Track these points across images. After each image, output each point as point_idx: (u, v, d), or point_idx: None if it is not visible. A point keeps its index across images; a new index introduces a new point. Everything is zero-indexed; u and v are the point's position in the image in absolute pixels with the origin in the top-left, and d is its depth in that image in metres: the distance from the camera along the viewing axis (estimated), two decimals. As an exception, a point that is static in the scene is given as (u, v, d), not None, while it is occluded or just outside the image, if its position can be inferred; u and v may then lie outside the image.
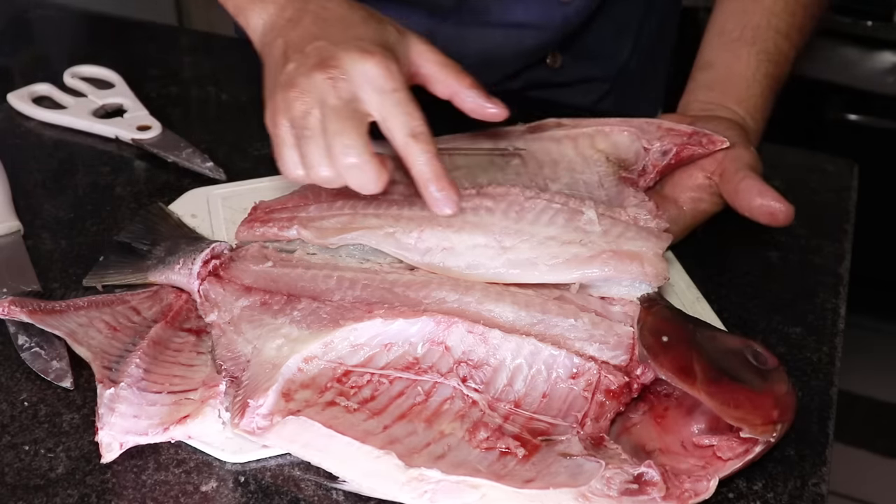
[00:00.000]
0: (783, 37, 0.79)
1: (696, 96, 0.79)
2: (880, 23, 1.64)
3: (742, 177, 0.69)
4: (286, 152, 0.64)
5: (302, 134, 0.62)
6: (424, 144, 0.62)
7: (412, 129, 0.62)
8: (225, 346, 0.62)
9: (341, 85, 0.62)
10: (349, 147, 0.61)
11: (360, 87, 0.62)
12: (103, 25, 1.10)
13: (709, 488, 0.52)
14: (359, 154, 0.61)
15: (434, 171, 0.62)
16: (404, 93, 0.62)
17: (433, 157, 0.62)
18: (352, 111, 0.62)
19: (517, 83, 0.98)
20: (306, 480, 0.56)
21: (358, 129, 0.61)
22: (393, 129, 0.62)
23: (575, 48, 0.98)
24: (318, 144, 0.62)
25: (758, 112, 0.77)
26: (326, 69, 0.62)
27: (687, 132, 0.72)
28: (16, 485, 0.55)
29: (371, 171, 0.61)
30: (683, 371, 0.55)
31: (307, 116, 0.62)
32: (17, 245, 0.73)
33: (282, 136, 0.64)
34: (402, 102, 0.62)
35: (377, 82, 0.62)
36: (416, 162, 0.62)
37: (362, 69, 0.61)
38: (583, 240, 0.63)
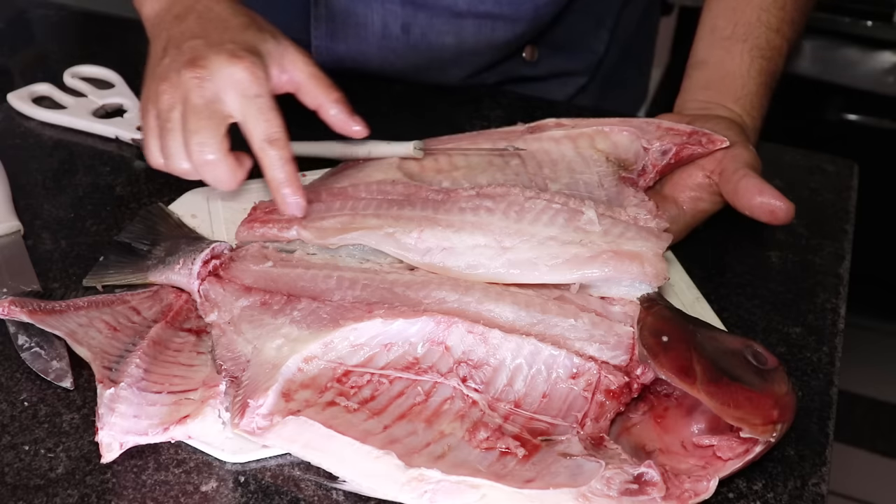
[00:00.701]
0: (774, 31, 0.79)
1: (693, 95, 0.79)
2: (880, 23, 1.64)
3: (742, 175, 0.69)
4: (150, 141, 0.70)
5: (164, 126, 0.68)
6: (279, 150, 0.66)
7: (269, 134, 0.66)
8: (225, 346, 0.62)
9: (206, 85, 0.66)
10: (204, 145, 0.66)
11: (225, 89, 0.66)
12: (103, 25, 1.10)
13: (709, 488, 0.52)
14: (213, 152, 0.66)
15: (286, 175, 0.67)
16: (266, 99, 0.67)
17: (287, 162, 0.67)
18: (212, 111, 0.66)
19: (493, 76, 0.98)
20: (306, 480, 0.56)
21: (215, 129, 0.66)
22: (251, 133, 0.67)
23: (551, 41, 0.98)
24: (176, 139, 0.67)
25: (755, 109, 0.77)
26: (195, 68, 0.66)
27: (686, 131, 0.72)
28: (16, 485, 0.55)
29: (224, 168, 0.67)
30: (683, 371, 0.55)
31: (171, 110, 0.67)
32: (17, 245, 0.73)
33: (149, 124, 0.69)
34: (264, 109, 0.66)
35: (241, 86, 0.66)
36: (271, 166, 0.67)
37: (229, 72, 0.66)
38: (583, 240, 0.63)
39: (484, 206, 0.66)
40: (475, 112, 0.93)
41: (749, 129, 0.75)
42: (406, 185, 0.70)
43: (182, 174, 0.69)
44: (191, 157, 0.67)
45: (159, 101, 0.68)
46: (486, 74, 0.98)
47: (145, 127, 0.70)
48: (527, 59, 0.98)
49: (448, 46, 0.93)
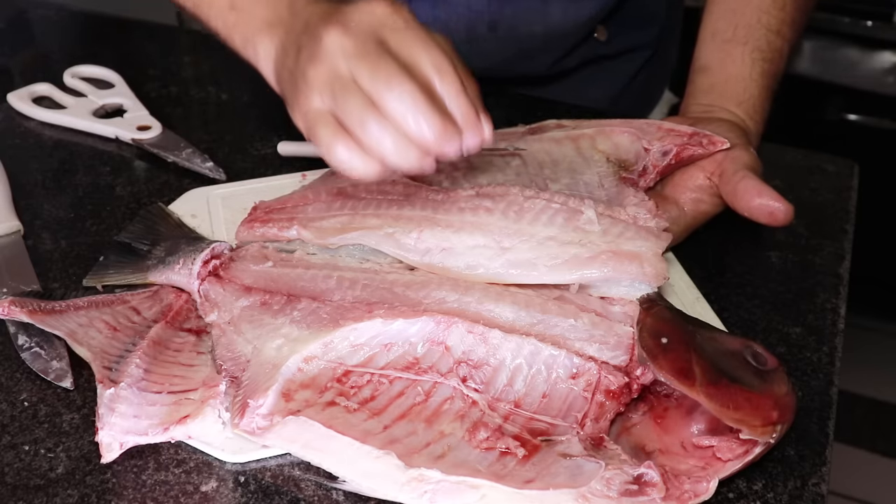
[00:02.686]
0: (775, 33, 0.79)
1: (696, 99, 0.79)
2: (880, 23, 1.64)
3: (741, 177, 0.69)
4: (320, 130, 0.57)
5: (334, 95, 0.56)
6: (448, 76, 0.56)
7: (435, 64, 0.56)
8: (225, 346, 0.62)
9: (353, 30, 0.56)
10: (402, 93, 0.54)
11: (374, 31, 0.57)
12: (103, 25, 1.10)
13: (708, 489, 0.52)
14: (403, 83, 0.54)
15: (464, 107, 0.56)
16: (417, 29, 0.57)
17: (459, 92, 0.56)
18: (377, 48, 0.56)
19: (573, 61, 0.99)
20: (306, 480, 0.56)
21: (392, 61, 0.55)
22: (415, 65, 0.56)
23: (618, 18, 0.99)
24: (354, 96, 0.55)
25: (757, 113, 0.77)
26: (334, 24, 0.57)
27: (687, 133, 0.72)
28: (16, 485, 0.55)
29: (423, 103, 0.54)
30: (682, 373, 0.55)
31: (333, 77, 0.56)
32: (17, 245, 0.73)
33: (313, 117, 0.57)
34: (418, 36, 0.57)
35: (386, 21, 0.57)
36: (444, 101, 0.56)
37: (369, 11, 0.57)
38: (582, 240, 0.63)
39: (483, 206, 0.66)
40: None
41: (751, 132, 0.76)
42: (406, 184, 0.70)
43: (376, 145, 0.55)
44: (385, 105, 0.54)
45: (314, 83, 0.56)
46: (567, 60, 0.99)
47: (313, 123, 0.57)
48: (599, 40, 0.99)
49: (536, 35, 0.94)
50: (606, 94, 1.03)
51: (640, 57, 1.04)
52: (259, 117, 0.92)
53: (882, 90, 1.67)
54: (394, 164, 0.56)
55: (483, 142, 0.58)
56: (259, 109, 0.94)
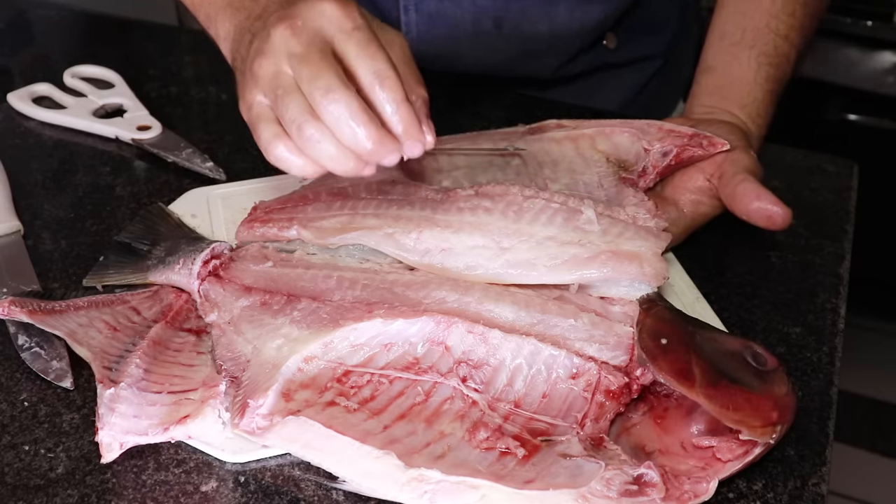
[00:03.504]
0: (782, 38, 0.79)
1: (700, 100, 0.79)
2: (880, 23, 1.64)
3: (740, 180, 0.69)
4: (262, 127, 0.58)
5: (275, 95, 0.57)
6: (390, 82, 0.56)
7: (376, 70, 0.56)
8: (225, 346, 0.62)
9: (301, 31, 0.57)
10: (329, 89, 0.55)
11: (320, 29, 0.57)
12: (103, 25, 1.10)
13: (708, 490, 0.52)
14: (341, 92, 0.54)
15: (403, 115, 0.57)
16: (366, 32, 0.57)
17: (401, 102, 0.57)
18: (321, 52, 0.56)
19: (579, 66, 0.99)
20: (306, 480, 0.56)
21: (334, 69, 0.55)
22: (356, 73, 0.57)
23: (629, 26, 0.99)
24: (295, 100, 0.56)
25: (760, 117, 0.77)
26: (283, 22, 0.57)
27: (687, 134, 0.72)
28: (16, 485, 0.55)
29: (360, 113, 0.55)
30: (682, 374, 0.55)
31: (276, 77, 0.57)
32: (17, 245, 0.73)
33: (256, 112, 0.58)
34: (364, 43, 0.57)
35: (334, 22, 0.57)
36: (383, 108, 0.56)
37: (319, 10, 0.57)
38: (581, 240, 0.63)
39: (483, 205, 0.66)
40: (475, 113, 0.93)
41: (753, 135, 0.76)
42: (406, 184, 0.70)
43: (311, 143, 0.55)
44: (323, 113, 0.55)
45: (259, 77, 0.57)
46: (573, 65, 0.98)
47: (253, 119, 0.58)
48: (608, 47, 0.99)
49: (541, 35, 0.94)
50: (614, 103, 1.03)
51: (651, 67, 1.04)
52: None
53: (882, 90, 1.67)
54: (331, 169, 0.57)
55: (424, 150, 0.58)
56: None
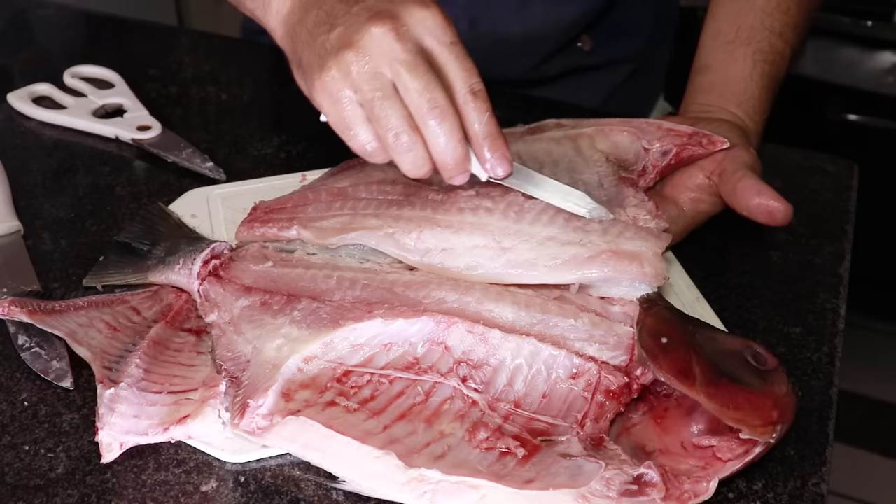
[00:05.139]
0: (777, 36, 0.79)
1: (696, 99, 0.79)
2: (880, 23, 1.64)
3: (740, 176, 0.69)
4: (357, 127, 0.58)
5: (373, 98, 0.57)
6: (483, 102, 0.58)
7: (471, 85, 0.58)
8: (225, 346, 0.62)
9: (407, 37, 0.56)
10: (437, 103, 0.56)
11: (422, 38, 0.57)
12: (103, 25, 1.10)
13: (708, 489, 0.52)
14: (449, 111, 0.57)
15: (492, 130, 0.59)
16: (462, 47, 0.58)
17: (491, 115, 0.58)
18: (427, 64, 0.57)
19: (554, 68, 0.99)
20: (306, 480, 0.56)
21: (441, 84, 0.57)
22: (451, 84, 0.58)
23: (604, 28, 0.99)
24: (395, 107, 0.57)
25: (757, 113, 0.77)
26: (385, 21, 0.56)
27: (687, 132, 0.72)
28: (16, 485, 0.55)
29: (458, 131, 0.57)
30: (682, 373, 0.55)
31: (375, 78, 0.57)
32: (17, 245, 0.73)
33: (344, 111, 0.58)
34: (461, 57, 0.58)
35: (436, 33, 0.58)
36: (474, 121, 0.58)
37: (422, 18, 0.57)
38: (582, 240, 0.63)
39: (483, 206, 0.66)
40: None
41: (751, 132, 0.76)
42: (406, 184, 0.70)
43: (403, 151, 0.57)
44: (424, 124, 0.57)
45: (351, 73, 0.56)
46: (547, 66, 0.98)
47: (340, 116, 0.58)
48: (583, 49, 0.99)
49: (515, 35, 0.94)
50: (589, 105, 1.03)
51: (625, 70, 1.04)
52: (259, 117, 0.92)
53: (882, 90, 1.67)
54: (406, 172, 0.59)
55: (509, 167, 0.60)
56: (259, 109, 0.94)
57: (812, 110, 1.70)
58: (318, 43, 0.59)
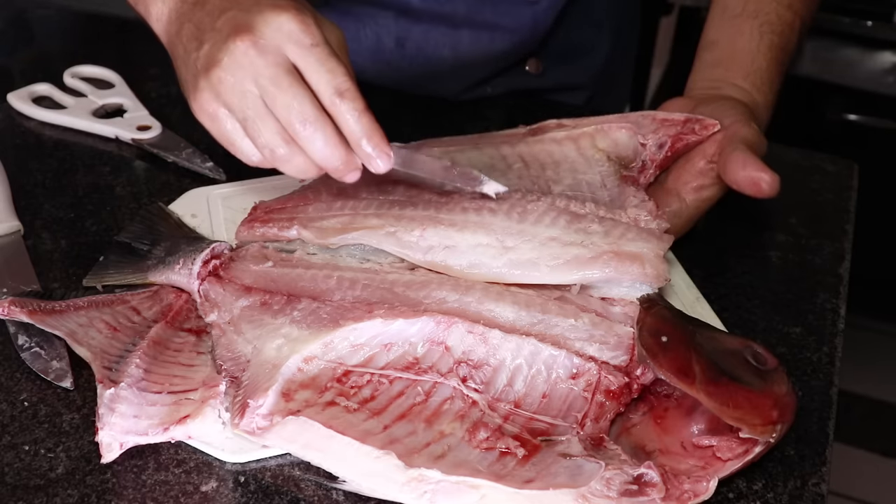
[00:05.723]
0: (785, 7, 0.78)
1: (703, 75, 0.79)
2: (880, 23, 1.63)
3: (731, 150, 0.69)
4: (238, 142, 0.60)
5: (246, 116, 0.58)
6: (351, 101, 0.58)
7: (336, 85, 0.58)
8: (225, 346, 0.62)
9: (266, 48, 0.57)
10: (306, 118, 0.57)
11: (282, 45, 0.58)
12: (103, 25, 1.10)
13: (708, 489, 0.52)
14: (318, 120, 0.58)
15: (365, 127, 0.59)
16: (324, 47, 0.58)
17: (362, 112, 0.58)
18: (290, 75, 0.57)
19: (497, 88, 0.97)
20: (306, 480, 0.56)
21: (307, 94, 0.58)
22: (316, 88, 0.58)
23: (554, 52, 0.97)
24: (268, 124, 0.58)
25: (765, 84, 0.76)
26: (242, 35, 0.57)
27: (679, 120, 0.72)
28: (16, 485, 0.55)
29: (333, 137, 0.58)
30: (682, 371, 0.55)
31: (244, 96, 0.58)
32: (17, 245, 0.73)
33: (224, 128, 0.60)
34: (323, 58, 0.58)
35: (294, 37, 0.57)
36: (346, 121, 0.58)
37: (277, 24, 0.57)
38: (584, 241, 0.63)
39: (487, 206, 0.66)
40: (475, 114, 0.93)
41: (759, 105, 0.75)
42: (408, 185, 0.70)
43: (281, 162, 0.59)
44: (298, 137, 0.58)
45: (222, 92, 0.58)
46: (489, 87, 0.97)
47: (220, 133, 0.60)
48: (531, 72, 0.97)
49: (445, 59, 0.92)
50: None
51: (581, 95, 1.02)
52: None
53: (882, 90, 1.67)
54: (295, 176, 0.62)
55: (389, 160, 0.60)
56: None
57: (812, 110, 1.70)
58: (191, 60, 0.60)
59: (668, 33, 1.86)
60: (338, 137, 0.59)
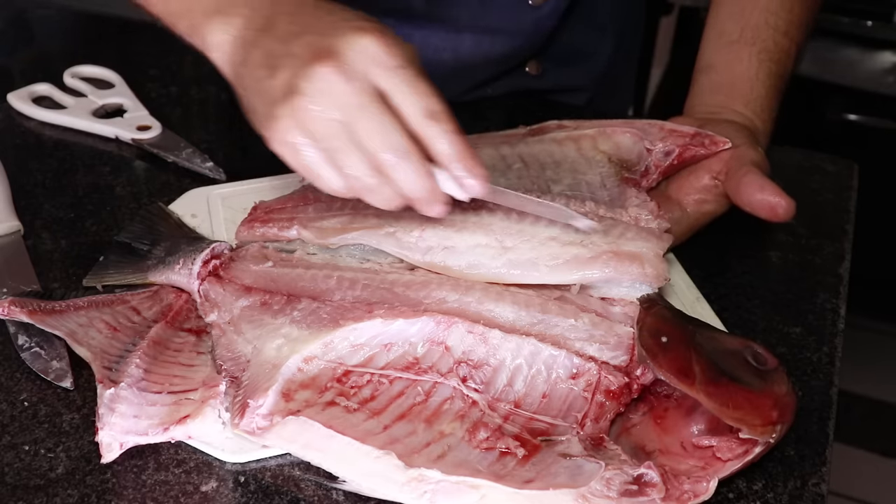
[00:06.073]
0: (782, 34, 0.79)
1: (702, 99, 0.79)
2: (880, 23, 1.63)
3: (745, 172, 0.69)
4: (320, 172, 0.57)
5: (332, 146, 0.55)
6: (444, 123, 0.55)
7: (426, 107, 0.55)
8: (225, 346, 0.62)
9: (351, 73, 0.54)
10: (395, 147, 0.54)
11: (367, 69, 0.55)
12: (103, 25, 1.10)
13: (708, 489, 0.52)
14: (407, 151, 0.55)
15: (458, 149, 0.56)
16: (411, 69, 0.55)
17: (456, 134, 0.56)
18: (378, 104, 0.54)
19: (497, 90, 0.97)
20: (306, 480, 0.56)
21: (397, 125, 0.55)
22: (405, 112, 0.55)
23: (554, 54, 0.97)
24: (353, 155, 0.55)
25: (764, 112, 0.77)
26: (325, 61, 0.54)
27: (689, 133, 0.72)
28: (16, 485, 0.55)
29: (423, 169, 0.55)
30: (682, 372, 0.55)
31: (328, 125, 0.55)
32: (17, 245, 0.73)
33: (305, 159, 0.56)
34: (410, 80, 0.55)
35: (380, 60, 0.55)
36: (436, 144, 0.56)
37: (361, 47, 0.54)
38: (583, 241, 0.63)
39: (486, 206, 0.66)
40: (476, 114, 0.93)
41: (759, 132, 0.76)
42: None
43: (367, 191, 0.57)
44: (387, 167, 0.55)
45: (305, 121, 0.55)
46: (489, 88, 0.97)
47: (301, 163, 0.56)
48: (531, 74, 0.98)
49: (446, 62, 0.92)
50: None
51: (581, 97, 1.02)
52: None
53: (882, 90, 1.67)
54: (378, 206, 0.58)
55: (483, 181, 0.57)
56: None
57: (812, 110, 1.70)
58: (265, 89, 0.57)
59: (668, 33, 1.86)
60: (426, 167, 0.56)
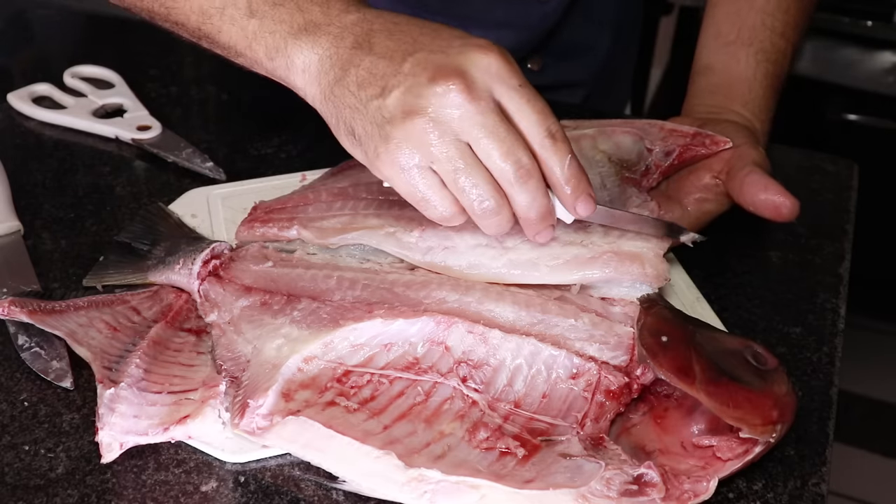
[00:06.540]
0: (779, 35, 0.79)
1: (700, 100, 0.79)
2: (880, 23, 1.64)
3: (748, 172, 0.69)
4: (433, 197, 0.55)
5: (454, 170, 0.54)
6: (562, 144, 0.55)
7: (547, 127, 0.55)
8: (225, 346, 0.62)
9: (476, 93, 0.53)
10: (522, 164, 0.54)
11: (492, 88, 0.54)
12: (103, 25, 1.10)
13: (708, 489, 0.52)
14: (537, 179, 0.55)
15: (573, 171, 0.56)
16: (530, 87, 0.55)
17: (572, 156, 0.56)
18: (505, 123, 0.54)
19: None
20: (306, 480, 0.56)
21: (525, 145, 0.54)
22: (525, 129, 0.55)
23: (555, 49, 0.98)
24: (479, 176, 0.54)
25: (762, 112, 0.77)
26: (451, 79, 0.52)
27: (690, 133, 0.72)
28: (16, 485, 0.55)
29: (544, 193, 0.56)
30: (682, 371, 0.55)
31: (451, 147, 0.53)
32: (17, 245, 0.73)
33: (420, 182, 0.54)
34: (532, 99, 0.55)
35: (503, 78, 0.54)
36: (555, 164, 0.55)
37: (486, 66, 0.53)
38: (583, 240, 0.63)
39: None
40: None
41: (758, 132, 0.76)
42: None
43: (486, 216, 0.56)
44: (510, 186, 0.54)
45: (425, 142, 0.53)
46: None
47: (414, 187, 0.55)
48: (532, 69, 0.98)
49: None
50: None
51: (581, 92, 1.02)
52: (259, 117, 0.92)
53: (882, 90, 1.67)
54: (488, 233, 0.58)
55: (592, 205, 0.58)
56: (259, 109, 0.94)
57: (812, 110, 1.70)
58: (372, 109, 0.54)
59: (668, 33, 1.86)
60: (545, 187, 0.56)
